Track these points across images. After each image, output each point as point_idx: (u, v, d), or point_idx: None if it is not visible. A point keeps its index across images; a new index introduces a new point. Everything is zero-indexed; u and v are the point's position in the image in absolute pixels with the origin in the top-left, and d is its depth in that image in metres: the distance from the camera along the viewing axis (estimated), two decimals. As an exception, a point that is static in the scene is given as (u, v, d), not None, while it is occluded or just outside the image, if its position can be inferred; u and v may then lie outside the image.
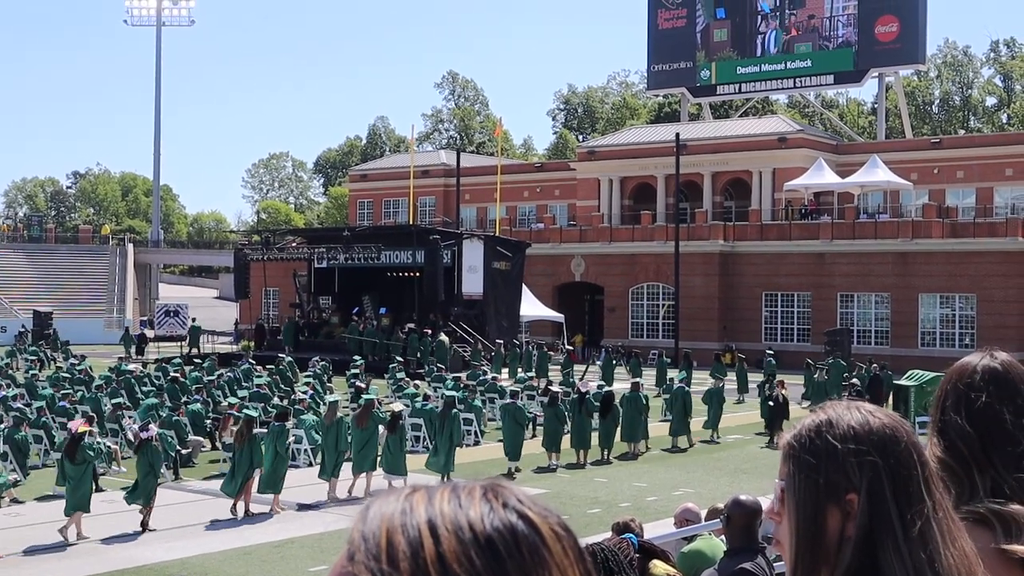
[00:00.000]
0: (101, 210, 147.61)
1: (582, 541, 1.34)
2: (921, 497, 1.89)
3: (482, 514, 1.22)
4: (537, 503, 1.28)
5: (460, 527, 1.20)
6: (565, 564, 1.23)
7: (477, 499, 1.24)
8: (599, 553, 5.15)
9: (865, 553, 1.88)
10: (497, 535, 1.20)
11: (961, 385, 2.59)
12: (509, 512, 1.23)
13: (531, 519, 1.24)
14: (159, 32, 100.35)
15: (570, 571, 1.24)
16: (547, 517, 1.26)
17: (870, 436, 1.94)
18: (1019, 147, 66.80)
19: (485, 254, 53.47)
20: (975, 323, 54.24)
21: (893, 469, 1.91)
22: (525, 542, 1.21)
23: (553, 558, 1.22)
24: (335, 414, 22.95)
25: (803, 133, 71.68)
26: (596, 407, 27.66)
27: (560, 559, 1.23)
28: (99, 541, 18.38)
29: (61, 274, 78.36)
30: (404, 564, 1.17)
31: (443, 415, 24.56)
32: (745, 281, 60.59)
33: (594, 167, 75.75)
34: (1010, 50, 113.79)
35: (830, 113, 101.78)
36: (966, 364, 2.64)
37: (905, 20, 71.33)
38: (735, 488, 15.15)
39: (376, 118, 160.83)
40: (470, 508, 1.22)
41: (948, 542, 1.87)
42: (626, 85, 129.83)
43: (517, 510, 1.24)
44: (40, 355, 51.21)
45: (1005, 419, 2.52)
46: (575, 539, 1.28)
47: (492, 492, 1.26)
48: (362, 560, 1.19)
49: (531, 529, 1.23)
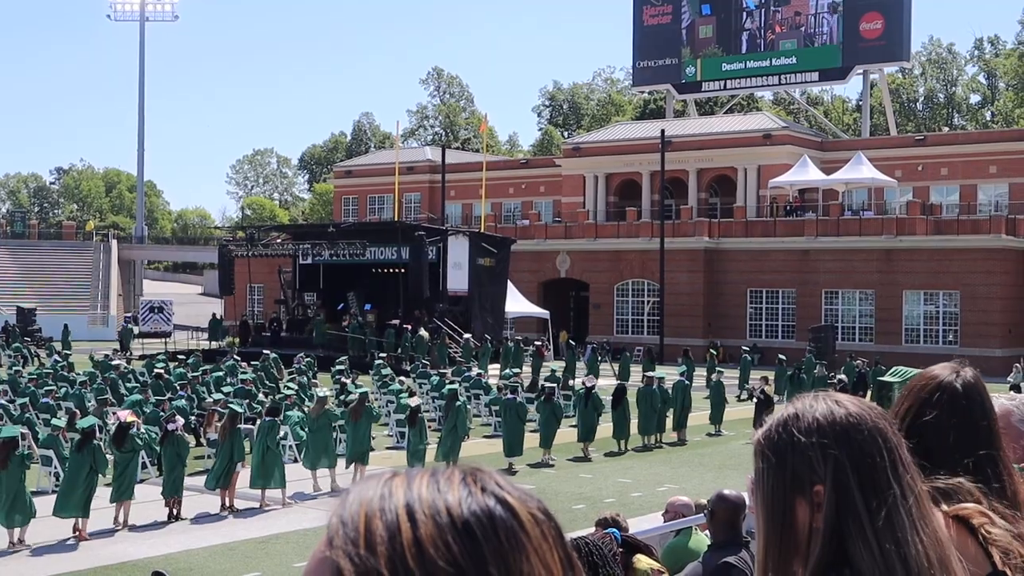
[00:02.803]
0: (85, 206, 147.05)
1: (566, 535, 1.33)
2: (888, 484, 1.89)
3: (460, 498, 1.22)
4: (518, 488, 1.28)
5: (438, 511, 1.20)
6: (544, 548, 1.23)
7: (456, 483, 1.24)
8: (583, 547, 5.15)
9: (834, 543, 1.89)
10: (474, 519, 1.20)
11: (923, 394, 2.66)
12: (487, 496, 1.23)
13: (509, 503, 1.24)
14: (143, 27, 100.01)
15: (548, 556, 1.23)
16: (526, 502, 1.26)
17: (833, 427, 1.94)
18: (1003, 144, 67.06)
19: (470, 250, 53.45)
20: (959, 320, 54.44)
21: (856, 458, 1.91)
22: (502, 526, 1.21)
23: (531, 542, 1.22)
24: (322, 408, 23.12)
25: (788, 130, 71.84)
26: (602, 402, 28.03)
27: (538, 543, 1.23)
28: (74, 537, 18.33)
29: (44, 270, 78.07)
30: (381, 548, 1.17)
31: (447, 407, 25.05)
32: (730, 278, 60.71)
33: (579, 164, 75.79)
34: (994, 48, 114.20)
35: (815, 110, 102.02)
36: (931, 375, 2.71)
37: (890, 17, 71.52)
38: (720, 483, 15.16)
39: (361, 114, 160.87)
40: (448, 492, 1.22)
41: (918, 528, 1.87)
42: (611, 82, 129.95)
43: (496, 494, 1.24)
44: (24, 351, 51.03)
45: (948, 438, 2.54)
46: (556, 524, 1.28)
47: (471, 477, 1.26)
48: (340, 545, 1.19)
49: (509, 513, 1.23)
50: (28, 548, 17.67)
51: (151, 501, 20.25)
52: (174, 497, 19.66)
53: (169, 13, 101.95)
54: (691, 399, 31.16)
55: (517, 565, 1.20)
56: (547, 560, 1.23)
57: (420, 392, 33.26)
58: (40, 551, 17.61)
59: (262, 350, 45.50)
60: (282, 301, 59.10)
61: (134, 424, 20.15)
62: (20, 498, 17.68)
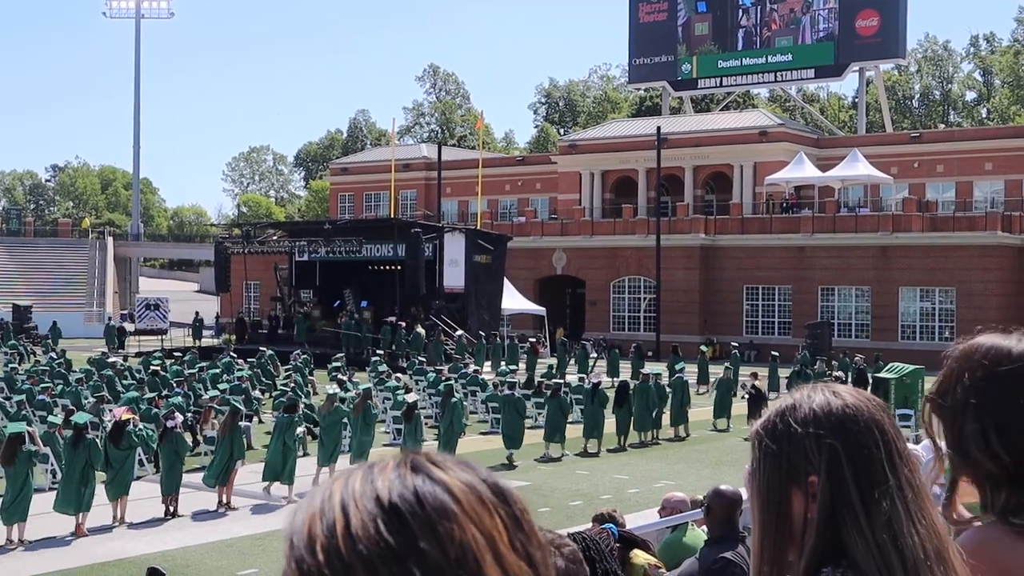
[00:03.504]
0: (80, 203, 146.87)
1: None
2: (884, 476, 1.89)
3: (388, 483, 1.24)
4: (463, 465, 1.29)
5: (367, 500, 1.22)
6: (479, 513, 1.24)
7: (388, 471, 1.26)
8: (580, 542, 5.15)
9: (829, 534, 1.89)
10: (400, 499, 1.22)
11: (981, 372, 2.17)
12: (416, 476, 1.25)
13: (438, 477, 1.25)
14: (138, 25, 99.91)
15: (487, 520, 1.23)
16: (460, 474, 1.27)
17: (829, 418, 1.94)
18: (998, 141, 67.14)
19: (467, 247, 53.43)
20: (955, 316, 54.49)
21: (852, 450, 1.91)
22: (428, 498, 1.23)
23: (462, 508, 1.23)
24: (332, 404, 23.22)
25: (784, 127, 71.86)
26: (607, 398, 28.26)
27: (471, 509, 1.23)
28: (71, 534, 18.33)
29: (40, 268, 77.95)
30: (320, 547, 1.20)
31: (443, 404, 25.20)
32: (726, 275, 60.74)
33: (575, 161, 75.79)
34: (990, 45, 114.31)
35: (811, 107, 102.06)
36: (996, 346, 2.19)
37: (885, 14, 71.56)
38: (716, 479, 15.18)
39: (357, 111, 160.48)
40: (379, 480, 1.25)
41: (915, 520, 1.87)
42: (607, 79, 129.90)
43: (425, 471, 1.26)
44: (20, 348, 50.99)
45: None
46: (507, 497, 1.28)
47: (404, 463, 1.28)
48: (289, 554, 1.23)
49: (437, 486, 1.24)
50: (24, 545, 17.66)
51: (148, 498, 20.25)
52: (172, 494, 19.68)
53: (165, 10, 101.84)
54: (690, 395, 31.32)
55: (449, 533, 1.20)
56: (485, 525, 1.23)
57: (416, 389, 33.31)
58: (36, 548, 17.61)
59: (258, 347, 45.51)
60: (278, 298, 59.08)
61: (130, 421, 20.16)
62: (23, 498, 17.71)
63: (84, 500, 18.32)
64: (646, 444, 28.79)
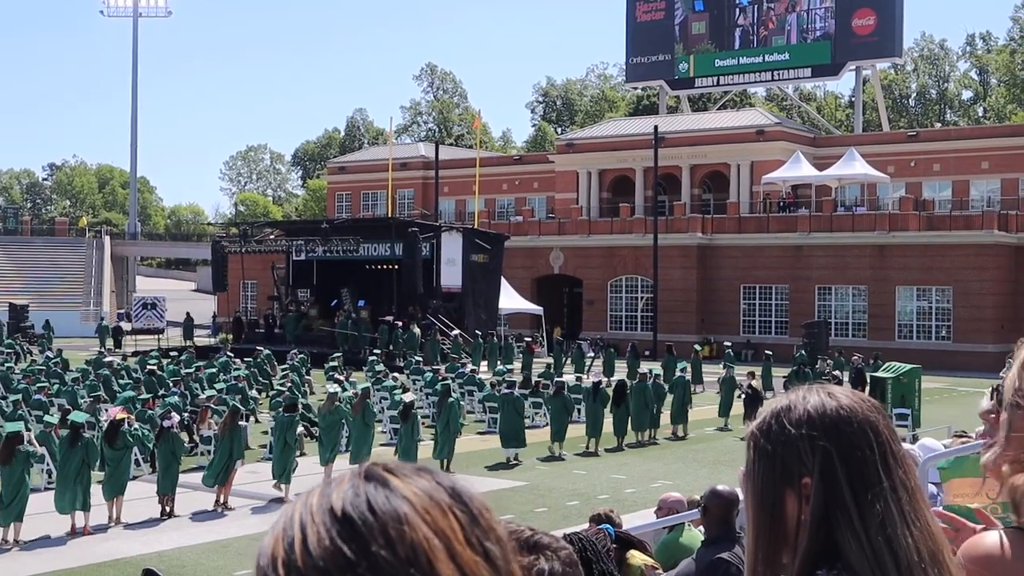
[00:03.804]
0: (78, 202, 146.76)
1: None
2: (878, 478, 1.88)
3: (342, 495, 1.26)
4: (419, 470, 1.31)
5: (322, 514, 1.25)
6: (432, 514, 1.25)
7: (343, 484, 1.28)
8: (576, 543, 5.14)
9: (822, 535, 1.89)
10: (352, 508, 1.24)
11: None
12: (368, 484, 1.27)
13: (391, 484, 1.27)
14: (136, 23, 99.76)
15: (441, 520, 1.25)
16: (413, 479, 1.29)
17: (823, 419, 1.94)
18: (995, 140, 67.20)
19: (464, 247, 53.42)
20: (951, 315, 54.51)
21: (846, 451, 1.90)
22: (379, 504, 1.25)
23: (414, 509, 1.25)
24: (333, 403, 23.24)
25: (781, 126, 71.89)
26: (608, 397, 28.39)
27: (423, 510, 1.25)
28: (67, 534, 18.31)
29: (37, 267, 77.91)
30: (280, 565, 1.23)
31: (440, 403, 25.31)
32: (723, 274, 60.75)
33: (573, 160, 75.79)
34: (986, 44, 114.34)
35: (807, 106, 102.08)
36: None
37: (882, 13, 71.59)
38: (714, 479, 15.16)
39: (354, 110, 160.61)
40: (333, 494, 1.27)
41: (909, 522, 1.86)
42: (605, 78, 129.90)
43: (379, 480, 1.28)
44: (16, 348, 50.90)
45: None
46: (464, 496, 1.30)
47: (359, 474, 1.30)
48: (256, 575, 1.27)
49: (389, 491, 1.26)
50: (20, 545, 17.65)
51: (144, 498, 20.22)
52: (168, 495, 19.66)
53: (162, 9, 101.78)
54: (691, 395, 31.44)
55: (400, 535, 1.23)
56: (438, 525, 1.25)
57: (413, 388, 33.28)
58: (32, 548, 17.59)
59: (255, 346, 45.47)
60: (275, 298, 59.04)
61: (126, 420, 20.15)
62: (20, 497, 17.69)
63: (81, 499, 18.28)
64: (644, 444, 28.81)
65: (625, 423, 28.46)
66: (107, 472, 19.19)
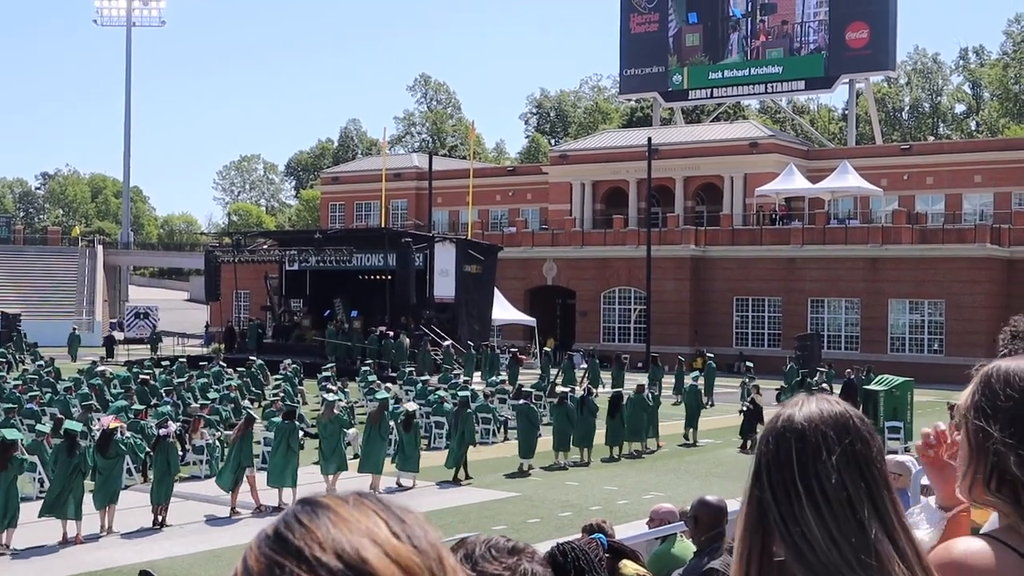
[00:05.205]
0: (70, 211, 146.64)
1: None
2: (809, 490, 1.93)
3: (274, 521, 1.38)
4: (351, 491, 1.42)
5: (256, 539, 1.37)
6: (355, 515, 1.36)
7: (279, 515, 1.40)
8: (569, 552, 5.14)
9: (761, 536, 1.97)
10: (280, 523, 1.37)
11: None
12: (298, 506, 1.39)
13: (318, 502, 1.38)
14: (129, 32, 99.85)
15: (364, 520, 1.35)
16: (339, 494, 1.40)
17: (772, 429, 2.02)
18: (988, 154, 67.36)
19: (457, 257, 53.42)
20: (944, 329, 54.59)
21: (782, 461, 1.97)
22: (303, 514, 1.36)
23: (336, 514, 1.35)
24: (332, 412, 23.27)
25: (774, 139, 72.01)
26: (597, 408, 28.59)
27: (347, 512, 1.36)
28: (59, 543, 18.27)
29: (30, 276, 77.76)
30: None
31: (457, 415, 25.67)
32: (716, 286, 60.81)
33: (566, 171, 75.86)
34: (979, 58, 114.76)
35: (801, 119, 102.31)
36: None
37: (875, 27, 71.79)
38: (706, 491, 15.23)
39: (348, 121, 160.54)
40: (268, 524, 1.39)
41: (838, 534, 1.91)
42: (598, 89, 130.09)
43: (310, 503, 1.39)
44: (8, 357, 50.78)
45: None
46: (386, 500, 1.40)
47: (303, 501, 1.41)
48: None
49: (315, 505, 1.37)
50: (11, 553, 17.60)
51: (136, 507, 20.18)
52: (161, 504, 19.64)
53: (156, 19, 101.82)
54: (702, 403, 32.94)
55: (326, 533, 1.33)
56: (361, 524, 1.35)
57: (406, 399, 33.25)
58: (24, 556, 17.54)
59: (248, 356, 45.41)
60: (268, 307, 58.99)
61: (118, 430, 20.12)
62: (12, 503, 17.67)
63: (73, 508, 18.26)
64: (639, 455, 28.84)
65: (620, 434, 28.56)
66: (98, 481, 19.15)
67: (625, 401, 29.12)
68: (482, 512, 21.15)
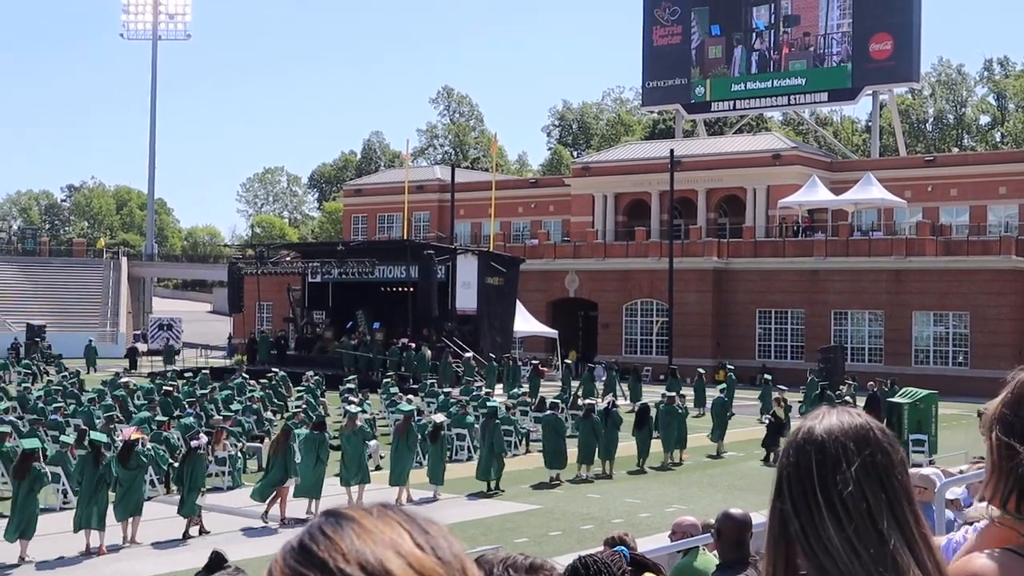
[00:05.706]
0: (95, 223, 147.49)
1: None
2: (829, 501, 1.92)
3: (299, 533, 1.42)
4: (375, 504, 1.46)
5: (282, 551, 1.41)
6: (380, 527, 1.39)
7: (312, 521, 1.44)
8: (591, 565, 5.12)
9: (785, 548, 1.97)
10: (305, 535, 1.40)
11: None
12: (322, 518, 1.43)
13: (342, 514, 1.42)
14: (155, 46, 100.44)
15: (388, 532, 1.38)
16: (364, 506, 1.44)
17: (792, 442, 2.02)
18: (1013, 165, 66.97)
19: (479, 269, 53.44)
20: (968, 341, 54.25)
21: (803, 474, 1.97)
22: (327, 527, 1.40)
23: (360, 525, 1.38)
24: (354, 424, 23.32)
25: (797, 150, 71.79)
26: (621, 420, 28.71)
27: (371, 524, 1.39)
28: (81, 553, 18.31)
29: (55, 287, 78.19)
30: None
31: (485, 425, 25.84)
32: (739, 298, 60.63)
33: (588, 183, 75.83)
34: (1004, 69, 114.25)
35: (824, 130, 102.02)
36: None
37: (899, 38, 71.57)
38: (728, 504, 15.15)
39: (371, 133, 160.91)
40: (293, 536, 1.43)
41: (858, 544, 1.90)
42: (621, 101, 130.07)
43: (333, 515, 1.43)
44: (33, 368, 51.06)
45: None
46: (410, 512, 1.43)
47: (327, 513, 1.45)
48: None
49: (339, 517, 1.41)
50: (32, 563, 17.66)
51: (159, 519, 20.22)
52: (192, 515, 19.67)
53: (181, 32, 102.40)
54: (730, 414, 33.09)
55: (352, 546, 1.35)
56: (385, 535, 1.37)
57: (428, 411, 33.28)
58: (47, 567, 17.59)
59: (270, 368, 45.54)
60: (291, 319, 59.16)
61: (140, 441, 20.18)
62: (27, 513, 17.73)
63: (96, 519, 18.32)
64: (669, 467, 28.89)
65: (647, 445, 28.57)
66: (119, 492, 19.20)
67: (655, 412, 29.14)
68: (504, 524, 21.10)
